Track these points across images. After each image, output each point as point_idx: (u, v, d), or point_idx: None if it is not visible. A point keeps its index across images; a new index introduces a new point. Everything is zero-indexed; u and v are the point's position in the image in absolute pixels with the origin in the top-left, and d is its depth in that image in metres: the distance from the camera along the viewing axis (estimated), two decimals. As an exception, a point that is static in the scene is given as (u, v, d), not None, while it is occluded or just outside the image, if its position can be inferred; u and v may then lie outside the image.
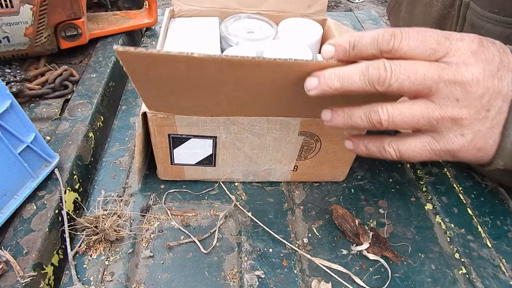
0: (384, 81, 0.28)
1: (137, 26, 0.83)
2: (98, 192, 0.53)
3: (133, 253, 0.46)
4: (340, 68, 0.30)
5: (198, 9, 0.67)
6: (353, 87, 0.30)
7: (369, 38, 0.30)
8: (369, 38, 0.30)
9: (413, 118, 0.29)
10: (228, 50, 0.60)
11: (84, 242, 0.46)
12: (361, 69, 0.29)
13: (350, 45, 0.31)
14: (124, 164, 0.57)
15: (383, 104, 0.30)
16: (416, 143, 0.30)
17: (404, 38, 0.29)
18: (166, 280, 0.44)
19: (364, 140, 0.34)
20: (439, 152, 0.30)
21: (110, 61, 0.71)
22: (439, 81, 0.28)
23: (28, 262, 0.41)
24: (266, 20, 0.68)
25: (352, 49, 0.31)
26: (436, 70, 0.28)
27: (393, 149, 0.31)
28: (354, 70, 0.30)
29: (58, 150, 0.53)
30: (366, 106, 0.31)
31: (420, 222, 0.52)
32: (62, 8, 0.68)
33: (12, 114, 0.43)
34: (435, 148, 0.30)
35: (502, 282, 0.46)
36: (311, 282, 0.45)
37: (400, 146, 0.31)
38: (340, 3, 2.03)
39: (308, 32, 0.65)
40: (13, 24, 0.64)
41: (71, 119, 0.59)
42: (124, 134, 0.63)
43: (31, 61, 0.71)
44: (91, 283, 0.43)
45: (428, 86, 0.28)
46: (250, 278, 0.45)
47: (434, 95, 0.28)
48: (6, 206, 0.45)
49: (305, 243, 0.49)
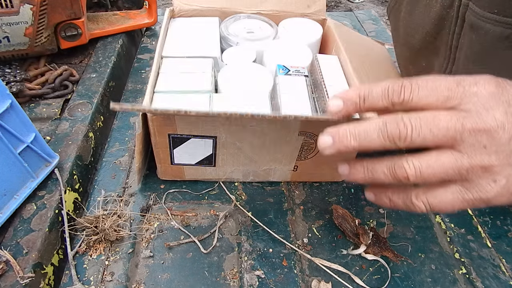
0: (405, 138, 0.27)
1: (137, 26, 0.83)
2: (98, 192, 0.53)
3: (133, 253, 0.46)
4: (355, 125, 0.29)
5: (198, 9, 0.67)
6: (372, 145, 0.29)
7: (380, 91, 0.29)
8: (380, 90, 0.30)
9: (443, 170, 0.28)
10: (228, 50, 0.60)
11: (84, 242, 0.46)
12: (379, 126, 0.28)
13: (361, 98, 0.30)
14: (124, 164, 0.57)
15: (408, 158, 0.28)
16: (447, 195, 0.29)
17: (414, 89, 0.29)
18: (166, 280, 0.44)
19: (387, 192, 0.32)
20: (473, 201, 0.29)
21: (110, 61, 0.71)
22: (463, 131, 0.27)
23: (28, 262, 0.41)
24: (266, 20, 0.68)
25: (363, 103, 0.30)
26: (457, 119, 0.27)
27: (422, 202, 0.29)
28: (371, 128, 0.28)
29: (58, 150, 0.53)
30: (389, 160, 0.29)
31: (420, 222, 0.52)
32: (62, 8, 0.68)
33: (12, 114, 0.43)
34: (468, 198, 0.28)
35: (502, 282, 0.46)
36: (311, 282, 0.45)
37: (430, 199, 0.29)
38: (340, 3, 2.03)
39: (308, 32, 0.65)
40: (13, 24, 0.64)
41: (71, 119, 0.59)
42: (124, 134, 0.63)
43: (31, 61, 0.71)
44: (91, 283, 0.43)
45: (453, 137, 0.27)
46: (250, 278, 0.45)
47: (460, 145, 0.27)
48: (6, 206, 0.45)
49: (305, 243, 0.49)
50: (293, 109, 0.49)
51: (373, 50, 0.71)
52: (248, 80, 0.54)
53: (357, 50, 0.63)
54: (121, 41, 0.78)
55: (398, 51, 0.68)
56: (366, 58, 0.63)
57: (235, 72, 0.55)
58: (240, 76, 0.54)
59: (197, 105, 0.48)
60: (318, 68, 0.56)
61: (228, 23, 0.66)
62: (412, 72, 0.63)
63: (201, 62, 0.55)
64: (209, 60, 0.56)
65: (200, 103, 0.48)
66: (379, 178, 0.30)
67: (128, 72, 0.76)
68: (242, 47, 0.61)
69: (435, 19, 0.52)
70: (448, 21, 0.50)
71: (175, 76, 0.52)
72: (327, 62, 0.58)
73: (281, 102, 0.50)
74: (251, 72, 0.55)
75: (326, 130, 0.30)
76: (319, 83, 0.55)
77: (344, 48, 0.60)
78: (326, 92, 0.52)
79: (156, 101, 0.48)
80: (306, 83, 0.53)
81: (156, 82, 0.51)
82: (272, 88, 0.54)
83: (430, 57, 0.56)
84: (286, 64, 0.56)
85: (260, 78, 0.54)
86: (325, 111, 0.50)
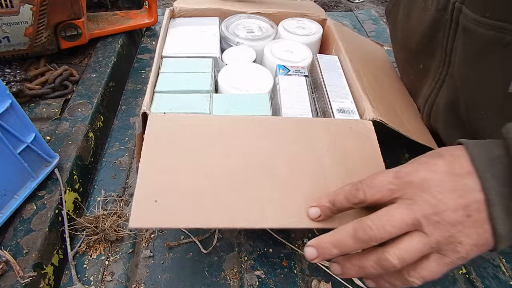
0: (376, 238, 0.32)
1: (137, 26, 0.83)
2: (98, 192, 0.53)
3: (133, 253, 0.46)
4: (331, 236, 0.34)
5: (198, 9, 0.67)
6: (351, 249, 0.33)
7: (342, 196, 0.35)
8: (342, 195, 0.35)
9: (418, 251, 0.32)
10: (228, 50, 0.60)
11: (84, 242, 0.46)
12: (351, 233, 0.33)
13: (331, 204, 0.36)
14: (124, 164, 0.57)
15: (388, 250, 0.32)
16: (432, 264, 0.33)
17: (364, 190, 0.34)
18: (166, 280, 0.44)
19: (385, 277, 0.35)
20: (453, 262, 0.33)
21: (110, 61, 0.71)
22: (415, 217, 0.32)
23: (28, 262, 0.41)
24: (266, 20, 0.68)
25: (334, 207, 0.36)
26: (406, 209, 0.32)
27: (415, 278, 0.33)
28: (346, 236, 0.33)
29: (58, 150, 0.53)
30: (372, 255, 0.33)
31: (420, 222, 0.52)
32: (62, 8, 0.68)
33: (12, 114, 0.43)
34: (447, 261, 0.33)
35: (502, 282, 0.46)
36: (311, 282, 0.45)
37: (421, 273, 0.33)
38: (340, 3, 2.03)
39: (308, 32, 0.65)
40: (13, 24, 0.64)
41: (71, 119, 0.59)
42: (124, 134, 0.63)
43: (31, 61, 0.72)
44: (91, 283, 0.43)
45: (411, 224, 0.32)
46: (250, 278, 0.45)
47: (421, 227, 0.32)
48: (6, 206, 0.45)
49: (305, 243, 0.49)
50: (293, 109, 0.49)
51: (372, 51, 0.71)
52: (248, 80, 0.54)
53: (356, 50, 0.63)
54: (121, 41, 0.78)
55: (396, 53, 0.68)
56: (366, 59, 0.63)
57: (235, 72, 0.55)
58: (240, 76, 0.54)
59: (197, 105, 0.48)
60: (318, 68, 0.56)
61: (228, 23, 0.66)
62: (410, 73, 0.63)
63: (201, 62, 0.55)
64: (209, 60, 0.56)
65: (200, 103, 0.48)
66: (370, 272, 0.34)
67: (128, 72, 0.76)
68: (242, 47, 0.61)
69: (430, 22, 0.52)
70: (443, 24, 0.51)
71: (175, 76, 0.52)
72: (327, 62, 0.58)
73: (281, 102, 0.50)
74: (251, 72, 0.55)
75: (307, 243, 0.35)
76: (319, 83, 0.55)
77: (344, 48, 0.60)
78: (326, 92, 0.52)
79: (156, 101, 0.48)
80: (306, 83, 0.53)
81: (156, 82, 0.51)
82: (272, 88, 0.54)
83: (426, 59, 0.56)
84: (286, 64, 0.56)
85: (260, 78, 0.54)
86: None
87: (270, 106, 0.49)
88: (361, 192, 0.34)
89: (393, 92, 0.61)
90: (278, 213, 0.37)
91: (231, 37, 0.62)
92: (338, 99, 0.51)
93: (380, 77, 0.61)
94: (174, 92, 0.50)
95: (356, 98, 0.52)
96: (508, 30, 0.42)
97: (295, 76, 0.54)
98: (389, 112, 0.51)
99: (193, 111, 0.47)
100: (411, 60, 0.61)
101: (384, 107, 0.51)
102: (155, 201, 0.36)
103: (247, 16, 0.68)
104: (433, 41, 0.53)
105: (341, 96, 0.51)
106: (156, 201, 0.36)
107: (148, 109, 0.45)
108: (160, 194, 0.36)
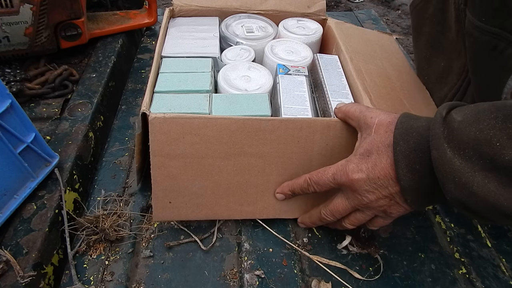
0: (331, 221, 0.46)
1: (137, 26, 0.83)
2: (98, 192, 0.53)
3: (133, 253, 0.46)
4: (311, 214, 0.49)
5: (198, 9, 0.67)
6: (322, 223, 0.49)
7: (299, 188, 0.46)
8: (299, 188, 0.46)
9: (362, 219, 0.44)
10: (228, 50, 0.60)
11: (84, 242, 0.46)
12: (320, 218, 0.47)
13: (291, 192, 0.47)
14: (124, 164, 0.57)
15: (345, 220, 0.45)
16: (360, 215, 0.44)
17: (313, 186, 0.44)
18: (166, 280, 0.44)
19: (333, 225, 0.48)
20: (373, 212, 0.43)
21: (110, 61, 0.71)
22: (352, 207, 0.43)
23: (28, 262, 0.41)
24: (266, 20, 0.68)
25: (293, 194, 0.47)
26: (346, 202, 0.43)
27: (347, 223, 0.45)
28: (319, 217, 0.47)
29: (58, 150, 0.53)
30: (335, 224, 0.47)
31: (420, 222, 0.52)
32: (62, 8, 0.68)
33: (12, 114, 0.43)
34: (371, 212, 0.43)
35: (502, 282, 0.46)
36: (311, 282, 0.45)
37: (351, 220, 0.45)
38: (340, 2, 2.03)
39: (308, 32, 0.65)
40: (13, 24, 0.64)
41: (71, 119, 0.59)
42: (124, 134, 0.63)
43: (31, 61, 0.71)
44: (91, 283, 0.43)
45: (350, 209, 0.43)
46: (250, 278, 0.45)
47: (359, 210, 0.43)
48: (6, 206, 0.45)
49: (305, 242, 0.49)
50: (293, 108, 0.49)
51: (379, 44, 0.69)
52: (248, 80, 0.54)
53: (360, 47, 0.63)
54: (121, 41, 0.78)
55: (416, 49, 0.66)
56: (370, 55, 0.62)
57: (234, 72, 0.55)
58: (239, 76, 0.54)
59: (197, 105, 0.48)
60: (319, 67, 0.56)
61: (228, 23, 0.66)
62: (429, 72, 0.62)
63: (201, 62, 0.55)
64: (209, 60, 0.56)
65: (199, 103, 0.48)
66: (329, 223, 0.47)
67: (128, 72, 0.76)
68: (242, 47, 0.61)
69: (454, 20, 0.52)
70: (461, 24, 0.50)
71: (174, 76, 0.52)
72: (327, 61, 0.58)
73: (281, 101, 0.50)
74: (251, 72, 0.55)
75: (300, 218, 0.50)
76: (319, 83, 0.55)
77: (345, 47, 0.60)
78: (326, 92, 0.52)
79: (155, 101, 0.48)
80: (306, 83, 0.53)
81: (156, 82, 0.51)
82: (272, 88, 0.54)
83: (451, 57, 0.55)
84: (286, 64, 0.56)
85: (260, 78, 0.54)
86: (326, 111, 0.50)
87: (269, 106, 0.49)
88: (312, 188, 0.45)
89: (402, 84, 0.60)
90: (266, 208, 0.49)
91: (231, 37, 0.62)
92: (338, 98, 0.51)
93: (387, 71, 0.61)
94: (174, 92, 0.50)
95: (356, 97, 0.52)
96: (502, 37, 0.42)
97: (295, 76, 0.54)
98: (394, 107, 0.52)
99: (192, 111, 0.47)
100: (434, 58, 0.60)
101: (389, 103, 0.52)
102: (169, 203, 0.47)
103: (247, 16, 0.68)
104: (458, 40, 0.53)
105: (341, 95, 0.51)
106: (170, 202, 0.47)
107: (147, 110, 0.45)
108: (172, 197, 0.47)
